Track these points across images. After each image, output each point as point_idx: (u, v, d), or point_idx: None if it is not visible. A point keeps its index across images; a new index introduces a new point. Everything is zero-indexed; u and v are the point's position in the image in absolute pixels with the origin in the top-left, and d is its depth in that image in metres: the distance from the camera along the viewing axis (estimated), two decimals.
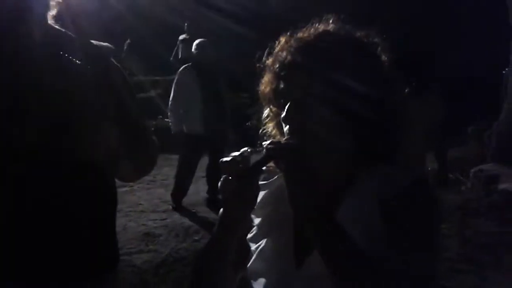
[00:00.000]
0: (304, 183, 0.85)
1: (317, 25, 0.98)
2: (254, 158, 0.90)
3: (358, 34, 0.96)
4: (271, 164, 0.93)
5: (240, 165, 0.89)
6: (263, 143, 0.89)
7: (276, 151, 0.86)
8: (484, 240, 3.91)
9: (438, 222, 0.91)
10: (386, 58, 0.96)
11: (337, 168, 0.95)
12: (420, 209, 0.86)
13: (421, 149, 3.82)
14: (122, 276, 1.59)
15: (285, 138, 0.92)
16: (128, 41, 11.39)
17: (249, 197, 0.92)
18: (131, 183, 5.13)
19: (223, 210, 0.94)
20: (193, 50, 5.09)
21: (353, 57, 0.92)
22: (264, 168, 0.91)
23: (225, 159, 0.90)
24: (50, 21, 1.28)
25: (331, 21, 0.98)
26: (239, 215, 0.94)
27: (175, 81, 5.09)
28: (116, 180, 1.41)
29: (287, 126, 0.93)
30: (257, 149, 0.91)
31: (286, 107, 0.92)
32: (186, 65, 5.10)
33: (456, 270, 3.51)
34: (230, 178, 0.89)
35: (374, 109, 0.90)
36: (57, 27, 1.28)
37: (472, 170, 5.21)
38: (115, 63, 1.35)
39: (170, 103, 5.04)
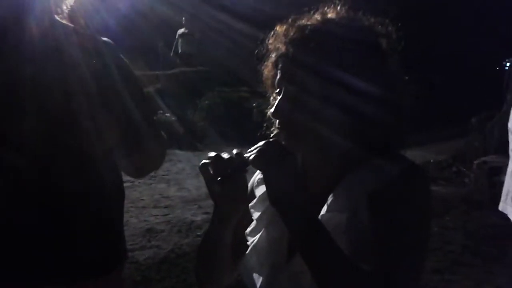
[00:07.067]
0: (278, 187, 0.84)
1: (320, 11, 0.92)
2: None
3: (366, 22, 0.91)
4: None
5: (219, 167, 0.87)
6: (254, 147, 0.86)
7: (253, 161, 0.85)
8: (488, 233, 3.89)
9: (427, 214, 0.87)
10: (394, 51, 0.91)
11: (330, 164, 0.92)
12: (407, 200, 0.83)
13: None
14: (125, 273, 1.58)
15: (272, 134, 0.91)
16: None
17: (236, 197, 0.91)
18: (131, 179, 5.10)
19: (214, 207, 0.95)
20: None
21: (352, 51, 0.86)
22: (246, 170, 0.89)
23: (205, 160, 0.89)
24: (59, 16, 1.26)
25: (338, 7, 0.91)
26: (229, 211, 0.94)
27: None
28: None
29: (277, 121, 0.91)
30: (247, 152, 0.88)
31: (276, 101, 0.90)
32: None
33: (460, 263, 3.49)
34: (211, 179, 0.88)
35: (372, 106, 0.86)
36: (61, 21, 1.27)
37: (475, 162, 5.18)
38: (122, 58, 1.34)
39: None
